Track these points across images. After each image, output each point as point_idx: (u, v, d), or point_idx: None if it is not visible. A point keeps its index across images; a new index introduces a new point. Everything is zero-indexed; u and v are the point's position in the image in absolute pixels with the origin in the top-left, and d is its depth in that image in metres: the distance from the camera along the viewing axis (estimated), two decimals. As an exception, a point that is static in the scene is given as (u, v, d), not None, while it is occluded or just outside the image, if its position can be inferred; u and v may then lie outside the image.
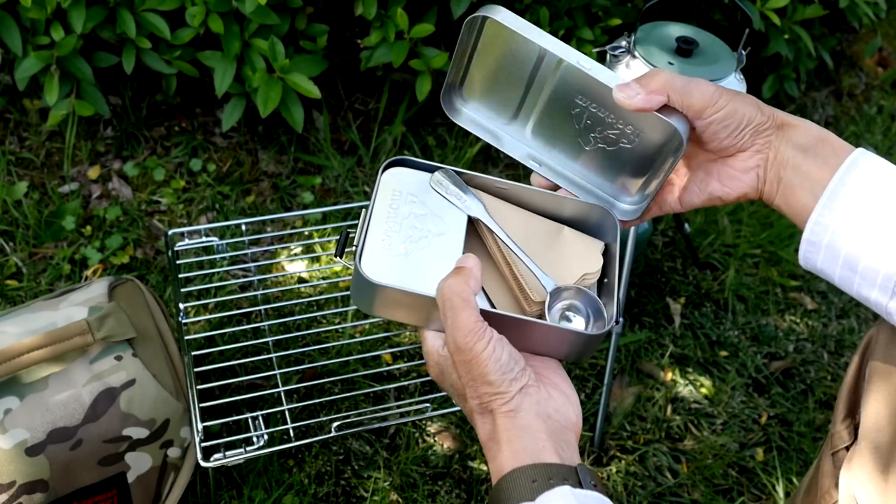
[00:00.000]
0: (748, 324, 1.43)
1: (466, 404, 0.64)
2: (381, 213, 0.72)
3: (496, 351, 0.61)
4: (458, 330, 0.61)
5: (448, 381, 0.67)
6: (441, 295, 0.63)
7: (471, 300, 0.63)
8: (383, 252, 0.70)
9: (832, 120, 1.89)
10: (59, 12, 1.29)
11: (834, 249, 0.66)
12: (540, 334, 0.66)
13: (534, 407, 0.61)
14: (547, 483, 0.57)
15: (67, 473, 0.90)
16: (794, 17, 1.61)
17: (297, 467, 1.15)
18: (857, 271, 0.65)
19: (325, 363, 1.21)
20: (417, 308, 0.67)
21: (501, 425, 0.61)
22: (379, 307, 0.69)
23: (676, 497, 1.20)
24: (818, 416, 1.32)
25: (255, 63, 1.34)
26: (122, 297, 1.00)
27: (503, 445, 0.60)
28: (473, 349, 0.61)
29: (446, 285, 0.63)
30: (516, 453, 0.59)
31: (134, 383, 0.92)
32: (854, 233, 0.65)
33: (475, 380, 0.62)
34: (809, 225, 0.66)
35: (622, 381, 1.32)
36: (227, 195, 1.45)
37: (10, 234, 1.34)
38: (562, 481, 0.57)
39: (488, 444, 0.62)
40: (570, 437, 0.62)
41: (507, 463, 0.59)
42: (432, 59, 1.39)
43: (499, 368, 0.61)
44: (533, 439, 0.60)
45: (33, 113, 1.48)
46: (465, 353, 0.61)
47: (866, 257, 0.64)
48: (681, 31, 0.99)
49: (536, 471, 0.58)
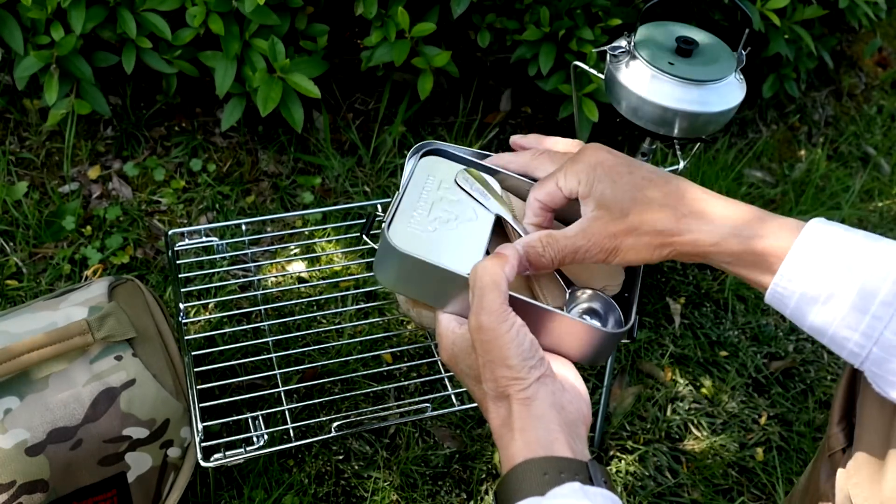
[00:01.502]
0: (748, 324, 1.43)
1: (480, 387, 0.64)
2: (413, 193, 0.73)
3: (519, 335, 0.62)
4: (484, 309, 0.61)
5: (464, 363, 0.66)
6: (475, 273, 0.64)
7: (502, 284, 0.63)
8: (412, 227, 0.70)
9: (832, 120, 1.89)
10: (60, 12, 1.29)
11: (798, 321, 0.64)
12: (560, 328, 0.66)
13: (549, 397, 0.61)
14: (558, 477, 0.56)
15: (67, 473, 0.90)
16: (794, 18, 1.61)
17: (297, 467, 1.15)
18: (825, 337, 0.64)
19: (325, 363, 1.21)
20: (437, 285, 0.67)
21: (516, 412, 0.61)
22: (400, 280, 0.69)
23: (676, 497, 1.20)
24: (818, 416, 1.32)
25: (255, 63, 1.34)
26: (122, 297, 1.00)
27: (517, 434, 0.60)
28: (497, 329, 0.61)
29: (482, 266, 0.64)
30: (529, 443, 0.59)
31: (134, 383, 0.92)
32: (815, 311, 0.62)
33: (494, 362, 0.61)
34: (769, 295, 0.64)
35: (622, 381, 1.32)
36: (227, 195, 1.45)
37: (10, 234, 1.34)
38: (573, 476, 0.56)
39: (501, 431, 0.62)
40: (582, 431, 0.62)
41: (520, 453, 0.59)
42: (434, 57, 1.39)
43: (520, 353, 0.61)
44: (546, 430, 0.59)
45: (33, 113, 1.48)
46: (488, 332, 0.61)
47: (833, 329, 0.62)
48: (681, 31, 0.99)
49: (548, 464, 0.57)
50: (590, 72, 1.10)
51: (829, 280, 0.61)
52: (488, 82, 1.68)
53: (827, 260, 0.61)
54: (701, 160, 1.66)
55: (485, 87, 1.67)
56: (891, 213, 1.70)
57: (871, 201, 1.72)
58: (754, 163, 1.74)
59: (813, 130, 1.86)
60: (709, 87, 0.93)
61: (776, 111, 1.86)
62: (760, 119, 1.83)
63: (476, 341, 0.63)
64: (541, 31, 1.43)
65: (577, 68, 1.19)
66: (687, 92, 0.93)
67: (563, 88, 1.48)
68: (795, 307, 0.63)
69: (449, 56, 1.39)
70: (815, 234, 0.63)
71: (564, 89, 1.48)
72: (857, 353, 0.62)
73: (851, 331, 0.61)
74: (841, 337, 0.62)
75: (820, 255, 0.62)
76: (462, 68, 1.55)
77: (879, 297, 0.60)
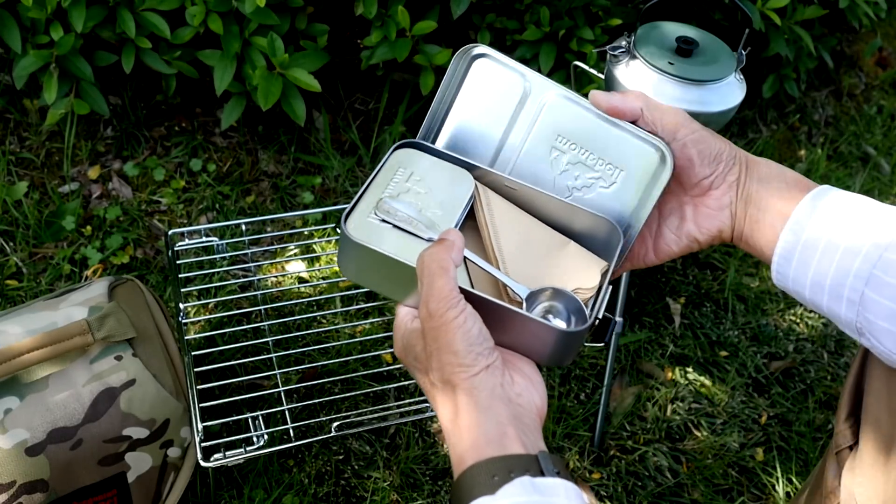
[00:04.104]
0: (748, 324, 1.43)
1: (427, 378, 0.63)
2: (380, 185, 0.72)
3: (467, 321, 0.61)
4: (432, 296, 0.61)
5: (412, 354, 0.65)
6: (421, 261, 0.63)
7: (449, 269, 0.62)
8: (372, 217, 0.69)
9: (832, 120, 1.89)
10: (59, 11, 1.29)
11: (799, 281, 0.68)
12: (515, 325, 0.64)
13: (497, 389, 0.60)
14: (507, 476, 0.55)
15: (67, 473, 0.89)
16: (795, 18, 1.61)
17: (297, 467, 1.15)
18: (824, 292, 0.67)
19: (325, 363, 1.21)
20: (396, 278, 0.66)
21: (463, 403, 0.60)
22: (359, 272, 0.68)
23: (676, 497, 1.20)
24: (818, 416, 1.32)
25: (255, 61, 1.34)
26: (122, 297, 1.00)
27: (464, 433, 0.59)
28: (445, 316, 0.60)
29: (427, 254, 0.63)
30: (476, 442, 0.58)
31: (134, 383, 0.92)
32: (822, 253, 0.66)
33: (441, 349, 0.61)
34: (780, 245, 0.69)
35: (622, 381, 1.32)
36: (227, 195, 1.45)
37: (10, 234, 1.34)
38: (523, 472, 0.55)
39: (449, 428, 0.61)
40: (534, 422, 0.61)
41: (468, 455, 0.58)
42: (435, 55, 1.39)
43: (467, 339, 0.60)
44: (495, 423, 0.59)
45: (33, 113, 1.48)
46: (436, 319, 0.60)
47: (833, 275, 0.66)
48: (681, 31, 0.99)
49: (495, 465, 0.56)
50: (590, 72, 1.10)
51: (827, 231, 0.66)
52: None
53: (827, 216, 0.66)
54: (701, 160, 1.65)
55: (485, 86, 1.67)
56: (891, 213, 1.70)
57: (871, 201, 1.72)
58: (754, 163, 1.74)
59: (813, 130, 1.86)
60: (709, 87, 0.94)
61: (776, 111, 1.86)
62: (760, 119, 1.83)
63: (426, 330, 0.62)
64: (541, 31, 1.43)
65: (577, 68, 1.19)
66: (687, 92, 0.93)
67: (563, 88, 1.48)
68: (799, 258, 0.67)
69: (450, 54, 1.39)
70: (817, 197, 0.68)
71: (564, 89, 1.48)
72: (853, 301, 0.65)
73: (845, 276, 0.65)
74: (837, 285, 0.65)
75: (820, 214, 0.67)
76: (462, 68, 1.55)
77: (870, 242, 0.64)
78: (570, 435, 1.23)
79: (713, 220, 0.72)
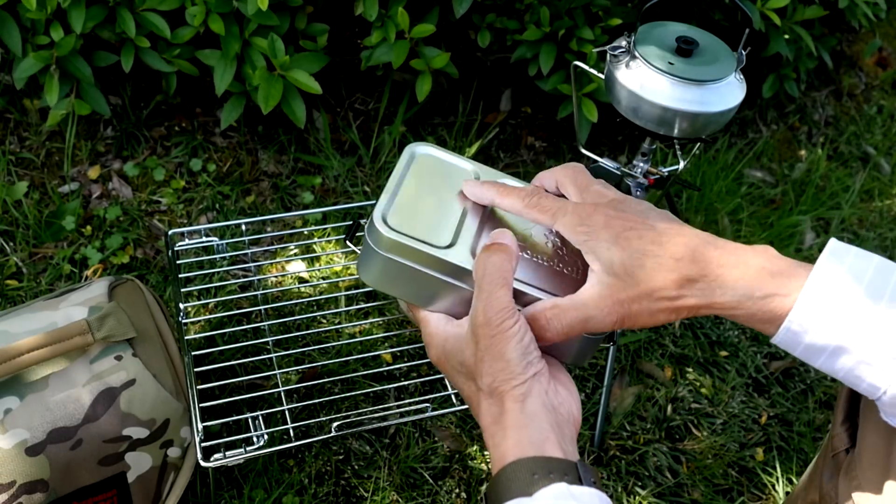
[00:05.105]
0: (748, 324, 1.43)
1: (473, 384, 0.63)
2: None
3: (520, 331, 0.61)
4: (492, 306, 0.61)
5: (456, 360, 0.65)
6: (482, 268, 0.63)
7: (510, 280, 0.63)
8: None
9: (832, 120, 1.89)
10: (59, 12, 1.29)
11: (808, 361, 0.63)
12: None
13: (542, 396, 0.61)
14: (547, 477, 0.56)
15: (67, 473, 0.89)
16: (795, 18, 1.61)
17: (297, 467, 1.15)
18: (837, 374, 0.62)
19: (325, 363, 1.21)
20: (425, 288, 0.67)
21: (509, 409, 0.60)
22: (384, 282, 0.69)
23: (676, 497, 1.20)
24: (818, 416, 1.32)
25: (255, 61, 1.34)
26: (122, 297, 1.00)
27: (508, 432, 0.60)
28: (502, 325, 0.61)
29: (490, 262, 0.63)
30: (520, 442, 0.59)
31: (134, 383, 0.92)
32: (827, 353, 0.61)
33: (493, 357, 0.61)
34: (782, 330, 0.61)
35: (622, 381, 1.32)
36: (227, 195, 1.45)
37: (10, 234, 1.34)
38: (561, 476, 0.56)
39: (492, 429, 0.61)
40: (572, 432, 0.62)
41: (511, 452, 0.59)
42: (433, 58, 1.39)
43: (521, 349, 0.61)
44: (538, 429, 0.59)
45: (33, 113, 1.48)
46: (493, 327, 0.61)
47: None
48: (681, 30, 0.99)
49: (537, 464, 0.57)
50: (590, 72, 1.10)
51: (835, 331, 0.59)
52: (488, 82, 1.68)
53: (831, 311, 0.59)
54: (701, 160, 1.66)
55: (485, 87, 1.67)
56: (891, 213, 1.70)
57: (871, 201, 1.72)
58: (754, 163, 1.74)
59: (813, 130, 1.86)
60: (709, 87, 0.93)
61: (776, 111, 1.86)
62: (760, 119, 1.84)
63: (480, 336, 0.62)
64: (541, 31, 1.43)
65: (577, 68, 1.19)
66: (687, 92, 0.93)
67: (563, 88, 1.48)
68: (802, 354, 0.62)
69: (448, 57, 1.39)
70: (823, 279, 0.59)
71: (564, 89, 1.48)
72: (872, 392, 0.61)
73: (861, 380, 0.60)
74: (854, 376, 0.61)
75: (825, 306, 0.59)
76: (462, 68, 1.55)
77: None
78: (570, 435, 1.23)
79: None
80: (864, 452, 0.71)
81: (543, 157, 1.64)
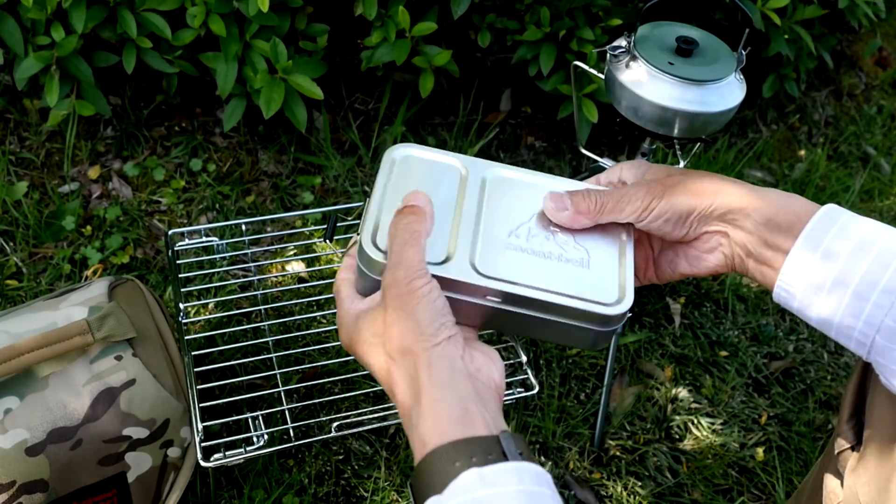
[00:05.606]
0: (748, 324, 1.43)
1: (384, 351, 0.60)
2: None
3: (432, 292, 0.60)
4: (401, 264, 0.60)
5: (369, 332, 0.62)
6: (394, 230, 0.63)
7: (421, 239, 0.62)
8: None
9: (832, 120, 1.89)
10: (60, 12, 1.29)
11: (805, 314, 0.66)
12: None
13: (458, 362, 0.59)
14: (469, 462, 0.53)
15: (67, 473, 0.90)
16: (795, 17, 1.61)
17: (297, 467, 1.15)
18: (832, 328, 0.65)
19: (325, 363, 1.21)
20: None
21: (423, 376, 0.57)
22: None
23: (676, 497, 1.20)
24: (818, 416, 1.32)
25: (256, 64, 1.34)
26: (122, 297, 1.00)
27: (425, 409, 0.57)
28: (412, 284, 0.60)
29: (401, 224, 0.63)
30: (438, 422, 0.56)
31: (134, 383, 0.92)
32: (821, 301, 0.64)
33: (403, 318, 0.59)
34: (776, 291, 0.67)
35: (622, 381, 1.32)
36: (227, 195, 1.45)
37: (10, 234, 1.34)
38: (484, 458, 0.54)
39: (408, 405, 0.58)
40: (494, 398, 0.60)
41: (430, 437, 0.55)
42: (435, 56, 1.39)
43: (432, 310, 0.59)
44: (457, 399, 0.57)
45: (33, 113, 1.48)
46: (402, 286, 0.60)
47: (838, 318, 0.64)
48: (681, 31, 0.99)
49: (458, 450, 0.54)
50: (590, 72, 1.10)
51: (834, 269, 0.63)
52: (488, 82, 1.68)
53: (833, 250, 0.63)
54: (701, 160, 1.66)
55: (485, 87, 1.67)
56: (891, 213, 1.70)
57: (871, 201, 1.72)
58: (754, 163, 1.74)
59: (813, 130, 1.86)
60: (709, 87, 0.94)
61: (776, 111, 1.86)
62: (760, 119, 1.84)
63: (389, 298, 0.60)
64: (541, 32, 1.43)
65: (577, 68, 1.19)
66: (687, 92, 0.93)
67: (563, 89, 1.48)
68: (802, 298, 0.65)
69: (450, 55, 1.39)
70: (823, 223, 0.64)
71: (564, 89, 1.48)
72: (863, 343, 0.63)
73: (855, 319, 0.62)
74: (846, 326, 0.63)
75: (826, 246, 0.63)
76: (462, 68, 1.55)
77: (880, 286, 0.61)
78: (571, 435, 1.23)
79: (704, 261, 0.71)
80: (871, 450, 0.71)
81: (543, 157, 1.64)
